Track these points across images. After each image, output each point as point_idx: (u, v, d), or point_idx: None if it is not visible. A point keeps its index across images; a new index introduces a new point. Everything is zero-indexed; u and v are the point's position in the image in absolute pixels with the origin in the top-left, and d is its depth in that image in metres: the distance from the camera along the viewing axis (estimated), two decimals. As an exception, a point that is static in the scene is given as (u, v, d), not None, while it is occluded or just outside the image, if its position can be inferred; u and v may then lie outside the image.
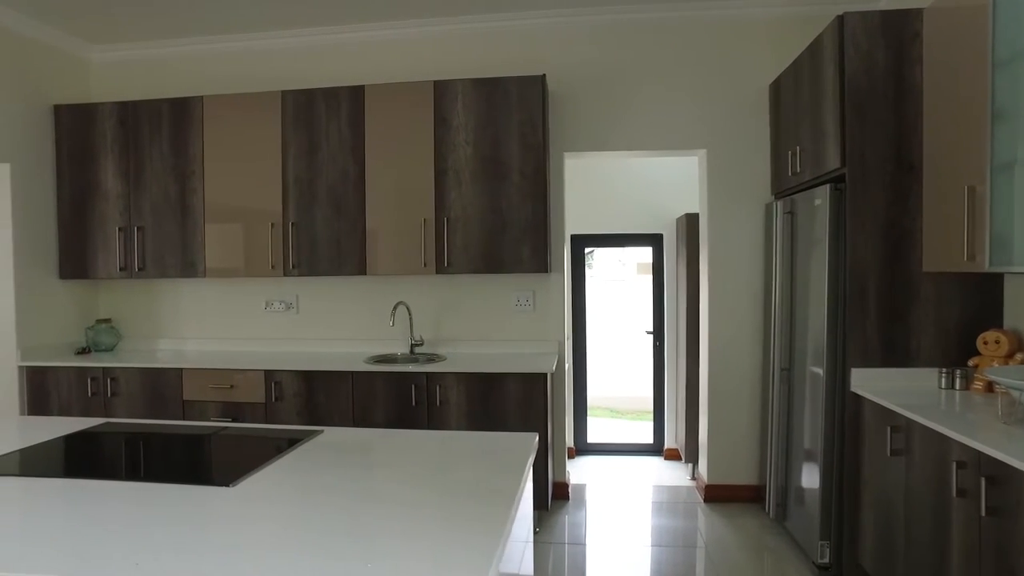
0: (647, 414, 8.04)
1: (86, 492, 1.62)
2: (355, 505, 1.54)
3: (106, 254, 4.29)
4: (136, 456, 2.11)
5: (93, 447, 2.14)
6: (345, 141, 3.97)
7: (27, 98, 4.15)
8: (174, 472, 1.96)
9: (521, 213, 3.84)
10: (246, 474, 1.73)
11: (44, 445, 2.08)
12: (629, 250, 10.32)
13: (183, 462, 2.07)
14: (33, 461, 1.97)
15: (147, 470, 1.99)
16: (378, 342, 4.29)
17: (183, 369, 3.89)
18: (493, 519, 1.41)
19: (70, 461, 2.03)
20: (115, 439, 2.24)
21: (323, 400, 3.73)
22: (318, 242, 4.00)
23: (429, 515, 1.47)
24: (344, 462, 1.91)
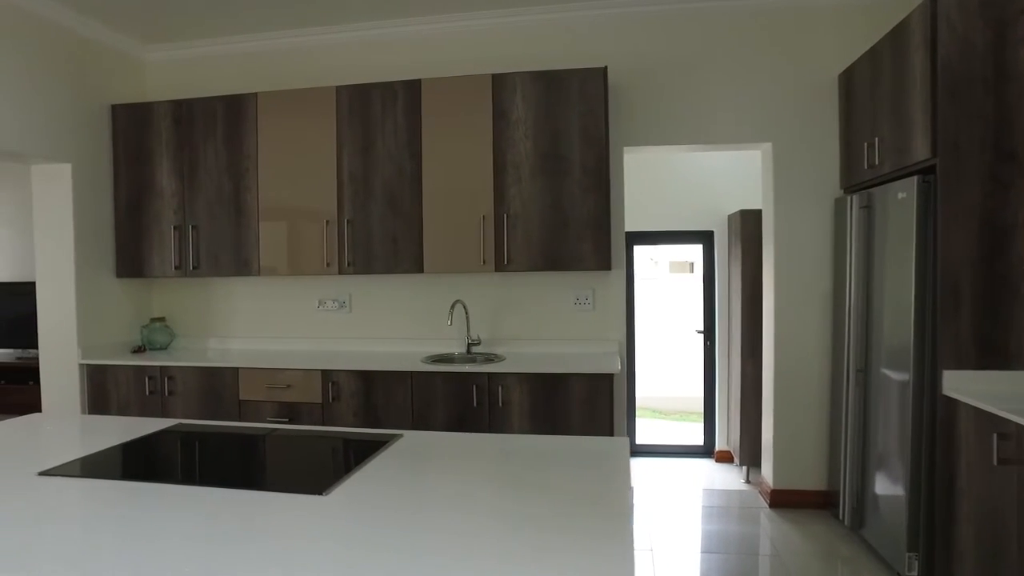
0: (691, 415, 7.90)
1: (175, 498, 1.56)
2: (458, 516, 1.45)
3: (161, 253, 4.27)
4: (217, 460, 2.04)
5: (172, 450, 2.08)
6: (401, 136, 3.90)
7: (86, 98, 4.14)
8: (259, 477, 1.89)
9: (583, 209, 3.74)
10: (336, 481, 1.66)
11: (124, 447, 2.03)
12: (662, 248, 10.17)
13: (266, 467, 2.00)
14: (116, 463, 1.92)
15: (232, 475, 1.92)
16: (433, 341, 4.22)
17: (239, 369, 3.86)
18: (614, 537, 1.31)
19: (153, 464, 1.97)
20: (191, 441, 2.18)
21: (381, 400, 3.66)
22: (373, 240, 3.94)
23: (544, 529, 1.37)
24: (433, 468, 1.83)
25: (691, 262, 11.23)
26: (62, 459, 1.87)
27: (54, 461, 1.85)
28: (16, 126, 3.72)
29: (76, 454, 1.93)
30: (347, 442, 2.17)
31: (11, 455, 1.97)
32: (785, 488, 4.01)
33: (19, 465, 1.85)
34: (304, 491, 1.60)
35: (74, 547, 1.31)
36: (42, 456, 1.96)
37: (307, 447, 2.15)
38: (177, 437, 2.19)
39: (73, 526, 1.43)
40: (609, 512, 1.44)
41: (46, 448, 2.06)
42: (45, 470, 1.77)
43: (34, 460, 1.91)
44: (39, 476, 1.74)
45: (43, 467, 1.80)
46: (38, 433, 2.28)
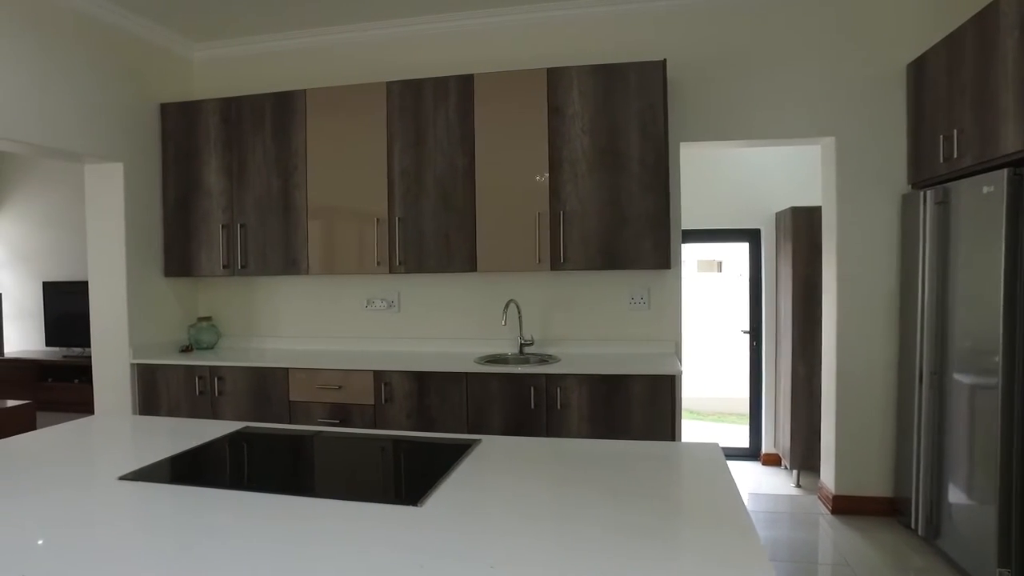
0: (728, 416, 7.75)
1: (261, 507, 1.49)
2: (565, 528, 1.37)
3: (209, 252, 4.24)
4: (295, 465, 1.97)
5: (247, 455, 2.01)
6: (454, 132, 3.82)
7: (137, 97, 4.12)
8: (344, 486, 1.80)
9: (642, 206, 3.63)
10: (428, 490, 1.57)
11: (197, 451, 1.96)
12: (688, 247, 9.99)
13: (347, 473, 1.92)
14: (192, 468, 1.85)
15: (315, 483, 1.84)
16: (483, 341, 4.13)
17: (289, 369, 3.80)
18: (748, 554, 1.21)
19: (231, 469, 1.90)
20: (264, 445, 2.11)
21: (436, 402, 3.58)
22: (425, 238, 3.86)
23: (663, 542, 1.28)
24: (523, 474, 1.74)
25: (719, 260, 11.05)
26: (137, 463, 1.81)
27: (130, 465, 1.79)
28: (73, 125, 3.70)
29: (150, 458, 1.87)
30: (426, 447, 2.08)
31: (87, 458, 1.92)
32: (848, 494, 3.87)
33: (97, 469, 1.79)
34: (397, 501, 1.52)
35: (166, 558, 1.24)
36: (116, 459, 1.90)
37: (385, 452, 2.07)
38: (248, 441, 2.12)
39: (163, 536, 1.36)
40: (730, 525, 1.34)
41: (119, 451, 2.01)
42: (124, 475, 1.71)
43: (110, 464, 1.85)
44: (119, 481, 1.68)
45: (121, 471, 1.74)
46: (106, 435, 2.23)
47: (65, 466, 1.86)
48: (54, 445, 2.06)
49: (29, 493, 1.61)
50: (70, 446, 2.07)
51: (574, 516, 1.44)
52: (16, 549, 1.27)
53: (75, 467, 1.86)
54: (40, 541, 1.31)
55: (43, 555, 1.25)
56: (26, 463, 1.86)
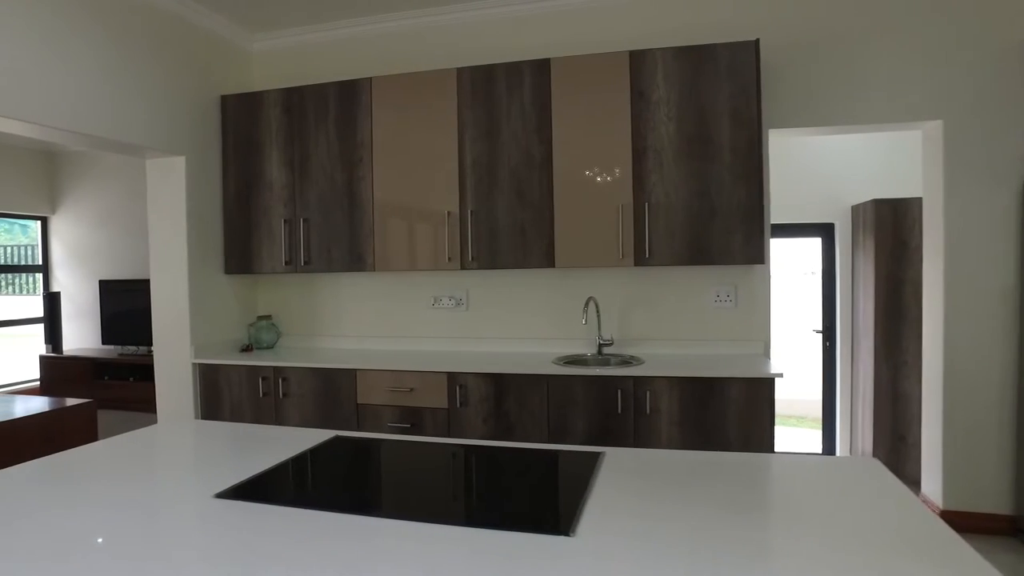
0: (789, 419, 7.41)
1: (388, 536, 1.28)
2: (758, 568, 1.13)
3: (271, 248, 4.08)
4: (407, 482, 1.76)
5: (348, 468, 1.81)
6: (529, 120, 3.60)
7: (197, 89, 3.99)
8: (476, 509, 1.58)
9: (733, 197, 3.37)
10: (574, 515, 1.35)
11: (292, 464, 1.77)
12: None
13: (473, 493, 1.70)
14: (291, 484, 1.66)
15: (440, 505, 1.62)
16: (557, 341, 3.91)
17: (357, 370, 3.62)
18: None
19: (336, 487, 1.70)
20: (363, 457, 1.91)
21: (514, 406, 3.37)
22: (499, 232, 3.65)
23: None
24: (667, 493, 1.51)
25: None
26: (230, 477, 1.62)
27: (222, 479, 1.61)
28: (137, 118, 3.58)
29: (243, 471, 1.68)
30: (546, 460, 1.86)
31: (176, 471, 1.74)
32: (959, 510, 3.56)
33: (190, 485, 1.61)
34: (545, 530, 1.30)
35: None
36: (207, 473, 1.72)
37: (502, 467, 1.85)
38: (345, 451, 1.93)
39: (277, 568, 1.16)
40: (950, 556, 1.09)
41: (207, 463, 1.83)
42: (220, 492, 1.53)
43: (202, 478, 1.67)
44: (215, 499, 1.49)
45: (214, 486, 1.56)
46: (188, 443, 2.06)
47: (156, 480, 1.69)
48: (138, 454, 1.90)
49: (128, 508, 1.44)
50: (155, 456, 1.90)
51: (742, 543, 1.21)
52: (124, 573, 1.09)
53: (167, 481, 1.68)
54: (146, 564, 1.13)
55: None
56: (116, 474, 1.69)
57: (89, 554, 1.21)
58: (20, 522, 1.38)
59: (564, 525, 1.30)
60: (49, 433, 4.69)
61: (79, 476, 1.71)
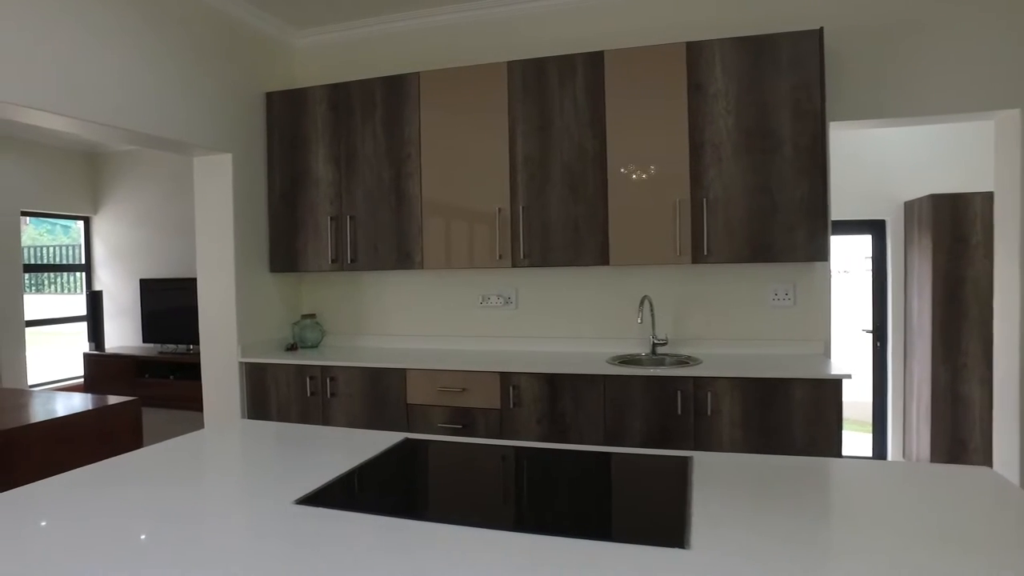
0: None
1: (483, 546, 1.21)
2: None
3: (316, 246, 4.04)
4: (494, 488, 1.68)
5: (425, 473, 1.75)
6: (582, 114, 3.52)
7: (242, 86, 3.96)
8: (575, 517, 1.49)
9: (795, 192, 3.26)
10: (682, 525, 1.27)
11: (367, 468, 1.71)
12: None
13: (565, 499, 1.61)
14: (371, 490, 1.60)
15: (533, 513, 1.53)
16: (608, 341, 3.82)
17: (407, 370, 3.57)
18: None
19: (418, 493, 1.64)
20: (439, 461, 1.85)
21: (569, 407, 3.29)
22: (552, 229, 3.57)
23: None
24: (780, 503, 1.41)
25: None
26: (306, 482, 1.56)
27: (298, 484, 1.55)
28: (185, 116, 3.56)
29: (317, 475, 1.62)
30: (633, 465, 1.77)
31: (249, 475, 1.69)
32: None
33: (267, 490, 1.55)
34: (657, 541, 1.22)
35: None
36: (281, 477, 1.66)
37: (588, 471, 1.77)
38: (420, 455, 1.86)
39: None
40: None
41: (279, 466, 1.77)
42: (300, 498, 1.47)
43: (276, 482, 1.61)
44: (296, 505, 1.43)
45: (291, 492, 1.50)
46: (254, 445, 2.00)
47: (230, 484, 1.64)
48: (207, 457, 1.85)
49: (207, 514, 1.39)
50: (223, 458, 1.85)
51: (895, 566, 1.11)
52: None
53: (242, 486, 1.62)
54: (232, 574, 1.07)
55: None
56: (188, 477, 1.65)
57: (172, 561, 1.16)
58: (96, 524, 1.33)
59: (677, 536, 1.22)
60: (97, 430, 4.70)
61: (151, 478, 1.66)
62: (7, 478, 4.17)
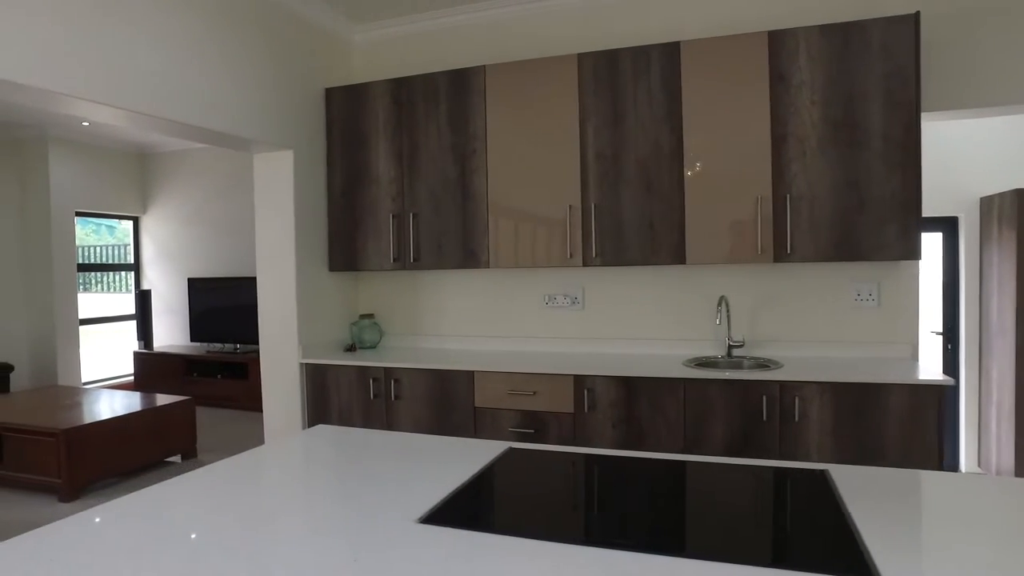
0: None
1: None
2: None
3: (377, 244, 3.96)
4: (628, 505, 1.56)
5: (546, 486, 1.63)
6: (657, 108, 3.39)
7: (301, 81, 3.89)
8: (737, 540, 1.37)
9: (886, 187, 3.09)
10: (861, 553, 1.14)
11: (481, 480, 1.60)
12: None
13: (717, 518, 1.48)
14: (490, 504, 1.49)
15: (692, 536, 1.42)
16: (680, 342, 3.69)
17: (475, 372, 3.47)
18: None
19: (549, 509, 1.51)
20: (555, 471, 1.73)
21: (646, 412, 3.17)
22: (625, 227, 3.45)
23: None
24: (957, 531, 1.28)
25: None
26: (421, 498, 1.46)
27: (414, 500, 1.45)
28: (245, 111, 3.50)
29: (430, 489, 1.52)
30: (769, 478, 1.64)
31: (359, 488, 1.58)
32: None
33: (382, 505, 1.45)
34: (838, 569, 1.09)
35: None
36: (393, 491, 1.56)
37: (737, 487, 1.64)
38: (533, 467, 1.75)
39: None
40: None
41: (387, 478, 1.66)
42: (422, 516, 1.36)
43: (391, 497, 1.51)
44: (420, 525, 1.33)
45: (410, 510, 1.40)
46: (352, 455, 1.91)
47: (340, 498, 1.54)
48: (303, 466, 1.76)
49: (327, 536, 1.29)
50: (323, 468, 1.75)
51: None
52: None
53: (354, 501, 1.52)
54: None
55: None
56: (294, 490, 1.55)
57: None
58: (199, 538, 1.24)
59: (862, 567, 1.09)
60: (153, 428, 4.70)
61: (257, 487, 1.57)
62: (72, 474, 4.17)
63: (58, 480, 4.16)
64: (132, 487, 4.43)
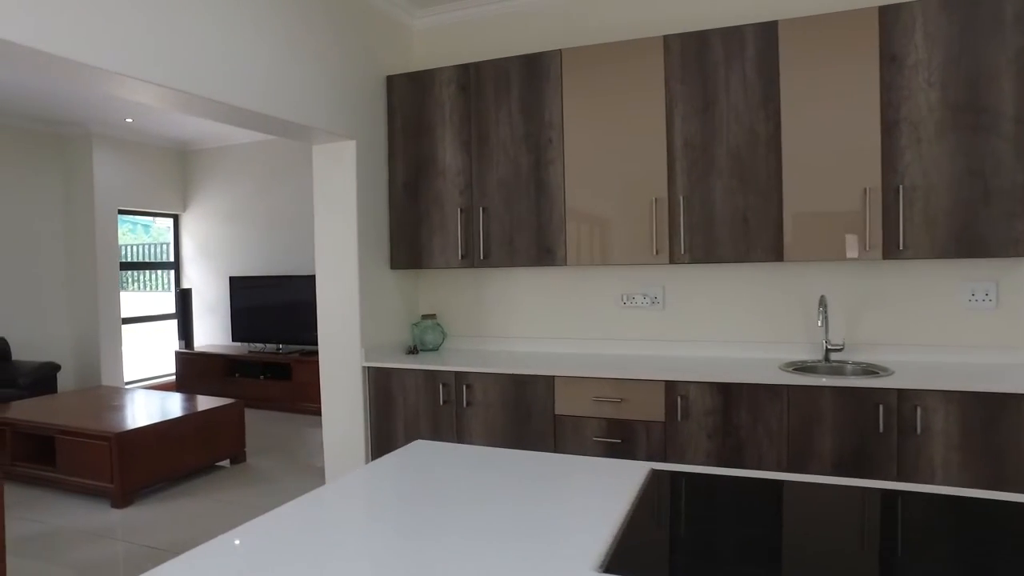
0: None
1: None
2: None
3: (443, 240, 3.74)
4: (834, 546, 1.31)
5: (722, 518, 1.39)
6: (752, 93, 3.13)
7: (362, 69, 3.68)
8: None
9: (1017, 176, 2.81)
10: None
11: (642, 509, 1.37)
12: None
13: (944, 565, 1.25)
14: (663, 544, 1.26)
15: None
16: (770, 345, 3.43)
17: (555, 377, 3.24)
18: None
19: (735, 549, 1.28)
20: (726, 498, 1.49)
21: (745, 421, 2.92)
22: (716, 221, 3.20)
23: None
24: None
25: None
26: (582, 536, 1.24)
27: (575, 540, 1.22)
28: (309, 99, 3.30)
29: (587, 524, 1.30)
30: (958, 508, 1.39)
31: (508, 526, 1.35)
32: None
33: (544, 549, 1.22)
34: None
35: None
36: (547, 529, 1.33)
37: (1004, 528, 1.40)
38: (688, 491, 1.52)
39: None
40: None
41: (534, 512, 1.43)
42: (600, 564, 1.13)
43: (550, 537, 1.28)
44: (600, 574, 1.10)
45: (575, 552, 1.16)
46: (474, 477, 1.68)
47: (490, 537, 1.31)
48: (422, 491, 1.53)
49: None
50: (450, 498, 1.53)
51: None
52: None
53: (507, 541, 1.29)
54: None
55: None
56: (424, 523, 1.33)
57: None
58: None
59: None
60: (204, 431, 4.54)
61: (380, 532, 1.35)
62: (124, 479, 4.01)
63: (110, 485, 4.01)
64: (183, 492, 4.27)
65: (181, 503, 4.10)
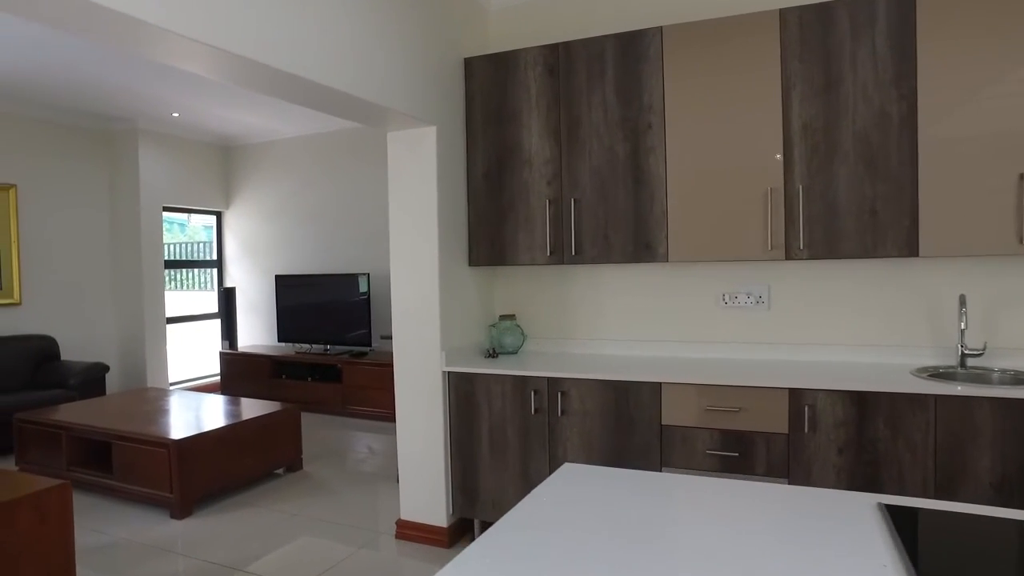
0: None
1: None
2: None
3: (530, 235, 3.47)
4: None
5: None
6: (883, 70, 2.83)
7: (439, 50, 3.41)
8: None
9: None
10: None
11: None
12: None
13: None
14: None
15: None
16: (894, 349, 3.13)
17: (662, 384, 2.95)
18: None
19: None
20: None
21: (884, 434, 2.62)
22: (840, 213, 2.90)
23: None
24: None
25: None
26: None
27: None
28: (391, 80, 3.04)
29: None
30: None
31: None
32: None
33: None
34: None
35: None
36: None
37: None
38: (943, 533, 1.23)
39: None
40: None
41: (761, 566, 1.17)
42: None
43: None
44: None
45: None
46: (657, 514, 1.41)
47: None
48: (630, 537, 1.26)
49: None
50: (662, 541, 1.26)
51: None
52: None
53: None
54: None
55: None
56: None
57: None
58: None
59: None
60: (261, 438, 4.33)
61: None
62: (184, 488, 3.78)
63: (169, 495, 3.78)
64: (242, 503, 4.03)
65: (242, 514, 3.87)
